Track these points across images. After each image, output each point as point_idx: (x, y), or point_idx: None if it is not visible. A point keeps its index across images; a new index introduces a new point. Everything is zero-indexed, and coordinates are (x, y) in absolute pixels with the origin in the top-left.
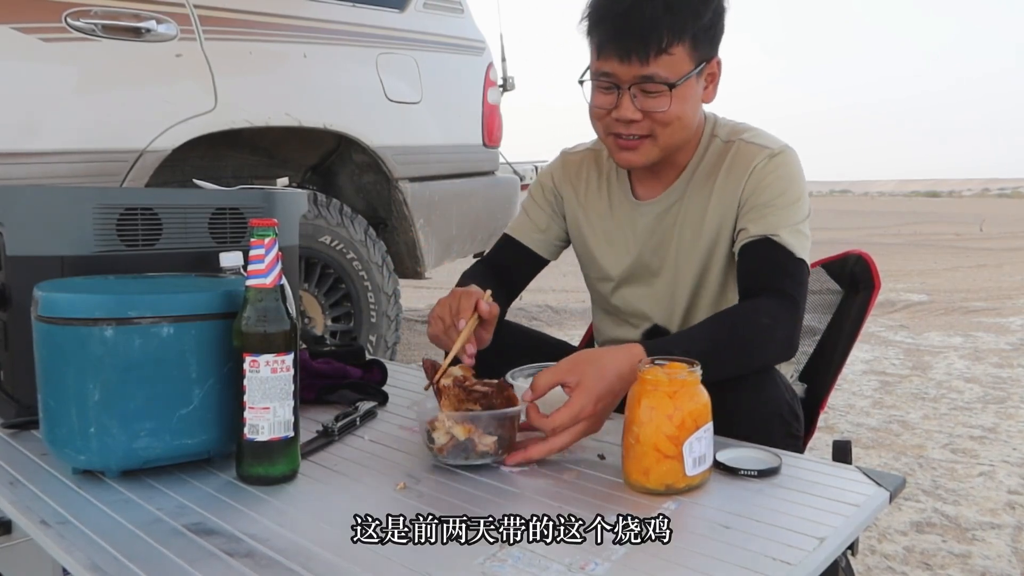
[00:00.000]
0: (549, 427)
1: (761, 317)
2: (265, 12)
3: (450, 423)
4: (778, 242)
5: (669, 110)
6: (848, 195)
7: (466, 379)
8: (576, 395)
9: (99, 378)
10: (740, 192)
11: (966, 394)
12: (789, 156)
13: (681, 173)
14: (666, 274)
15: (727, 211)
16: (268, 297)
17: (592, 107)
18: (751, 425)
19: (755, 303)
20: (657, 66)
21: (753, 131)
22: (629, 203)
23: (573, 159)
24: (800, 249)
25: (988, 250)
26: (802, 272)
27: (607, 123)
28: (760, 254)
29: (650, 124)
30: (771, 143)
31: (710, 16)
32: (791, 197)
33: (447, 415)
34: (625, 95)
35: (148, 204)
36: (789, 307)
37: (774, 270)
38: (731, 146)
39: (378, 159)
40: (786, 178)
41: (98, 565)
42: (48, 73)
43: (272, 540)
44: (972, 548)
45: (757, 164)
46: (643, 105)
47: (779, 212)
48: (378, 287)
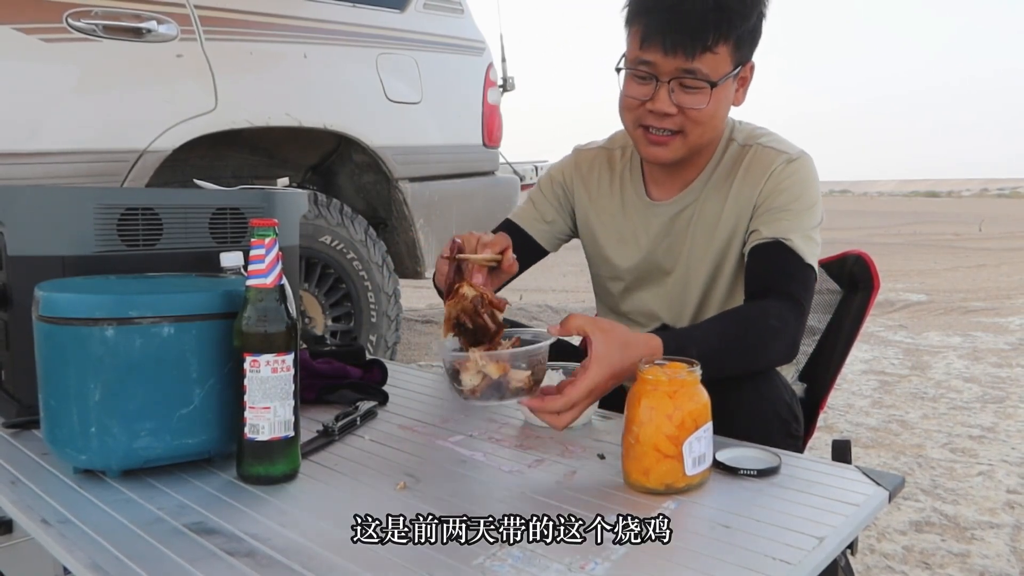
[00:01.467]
0: (565, 399)
1: (771, 319)
2: (265, 12)
3: (483, 362)
4: (789, 246)
5: (706, 108)
6: (848, 195)
7: (485, 298)
8: (594, 366)
9: (100, 378)
10: (756, 195)
11: (965, 394)
12: (806, 162)
13: (698, 175)
14: (677, 275)
15: (742, 214)
16: (268, 297)
17: (624, 96)
18: (750, 425)
19: (764, 305)
20: (701, 62)
21: (770, 135)
22: (643, 203)
23: (586, 156)
24: (810, 255)
25: (987, 250)
26: (810, 278)
27: (638, 114)
28: (771, 256)
29: (683, 120)
30: (789, 148)
31: (755, 20)
32: (806, 203)
33: (480, 354)
34: (663, 87)
35: (149, 204)
36: (796, 311)
37: (783, 273)
38: (748, 150)
39: (378, 159)
40: (802, 184)
41: (99, 564)
42: (49, 73)
43: (272, 540)
44: (971, 547)
45: (775, 168)
46: (679, 100)
47: (793, 217)
48: (378, 287)
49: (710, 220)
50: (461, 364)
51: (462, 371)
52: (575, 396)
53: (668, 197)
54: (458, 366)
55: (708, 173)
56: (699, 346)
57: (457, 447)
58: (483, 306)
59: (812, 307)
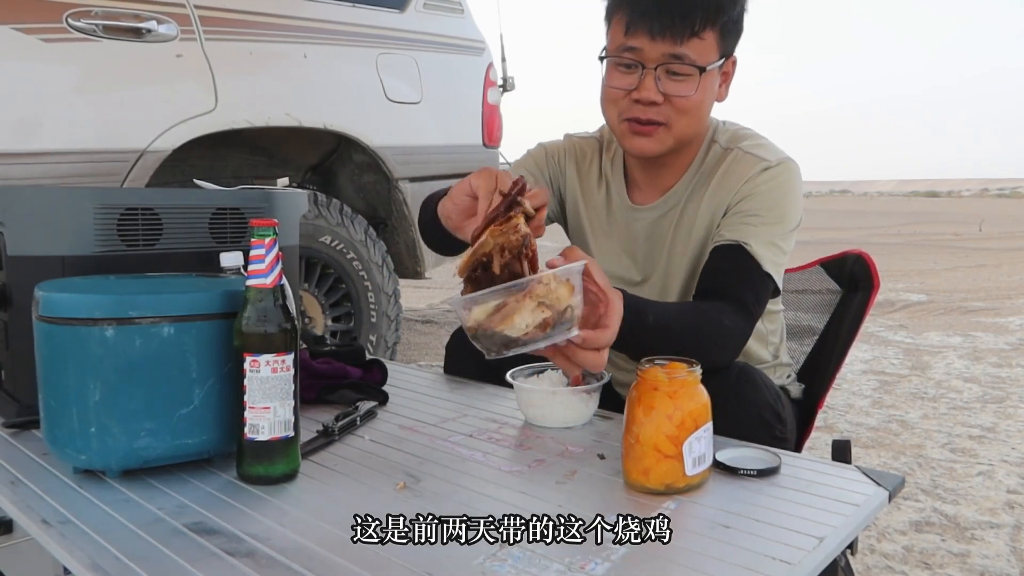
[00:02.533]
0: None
1: (725, 320)
2: (265, 12)
3: (555, 284)
4: (749, 251)
5: (693, 96)
6: (847, 195)
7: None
8: (612, 316)
9: (100, 378)
10: (729, 199)
11: (965, 394)
12: (785, 169)
13: (679, 180)
14: (655, 280)
15: (714, 218)
16: (268, 297)
17: (607, 88)
18: (732, 428)
19: (720, 306)
20: (688, 47)
21: (754, 139)
22: (625, 207)
23: (579, 144)
24: (769, 262)
25: (987, 250)
26: (765, 287)
27: (623, 106)
28: (729, 259)
29: (668, 110)
30: (769, 154)
31: (738, 10)
32: (778, 211)
33: (552, 275)
34: (649, 75)
35: (149, 204)
36: (747, 320)
37: (739, 279)
38: (729, 154)
39: (378, 159)
40: (777, 192)
41: (99, 564)
42: (49, 73)
43: (272, 540)
44: (971, 547)
45: (751, 175)
46: (666, 88)
47: (760, 223)
48: (378, 287)
49: (687, 226)
50: (518, 299)
51: (518, 309)
52: (616, 326)
53: (649, 202)
54: (520, 299)
55: (689, 177)
56: (659, 316)
57: (457, 447)
58: (528, 248)
59: (811, 307)
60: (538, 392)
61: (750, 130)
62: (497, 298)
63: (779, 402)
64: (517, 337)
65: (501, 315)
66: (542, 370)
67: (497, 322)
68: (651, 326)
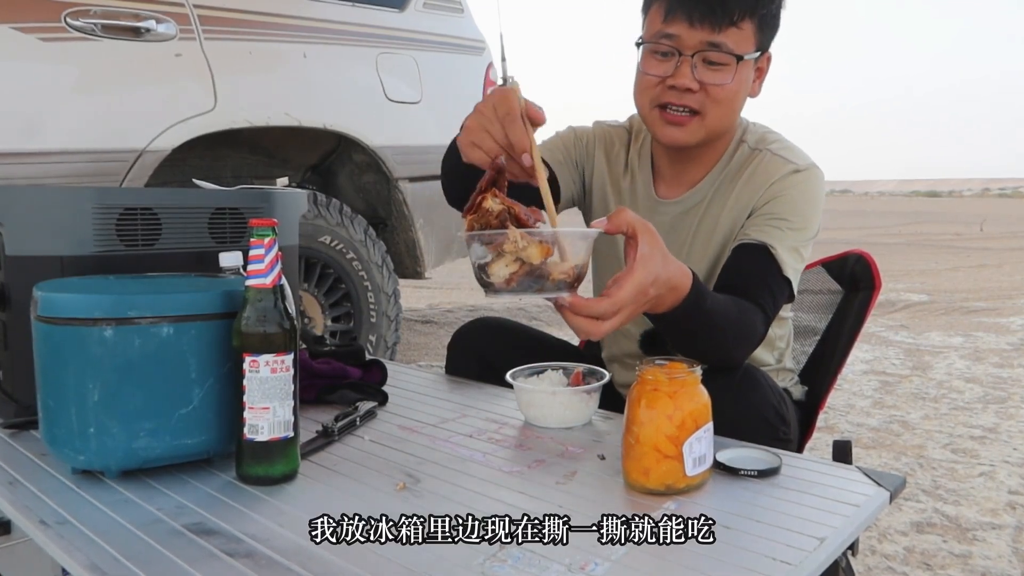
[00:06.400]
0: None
1: (755, 319)
2: (265, 12)
3: (524, 243)
4: (774, 255)
5: (729, 85)
6: (848, 195)
7: (513, 212)
8: (639, 267)
9: (99, 378)
10: (755, 201)
11: (966, 394)
12: (812, 175)
13: (706, 175)
14: None
15: (739, 219)
16: (268, 297)
17: (643, 75)
18: (735, 429)
19: (750, 305)
20: (726, 36)
21: (782, 142)
22: (650, 199)
23: (608, 131)
24: (790, 268)
25: (988, 250)
26: (783, 292)
27: (656, 93)
28: (753, 259)
29: (703, 99)
30: (798, 159)
31: (776, 5)
32: (803, 216)
33: (519, 233)
34: (685, 62)
35: (148, 204)
36: (764, 322)
37: (761, 282)
38: (757, 155)
39: (378, 159)
40: (803, 197)
41: (97, 565)
42: (47, 73)
43: (272, 540)
44: (972, 548)
45: (778, 178)
46: (702, 76)
47: (786, 227)
48: (378, 287)
49: (710, 223)
50: (497, 246)
51: (495, 256)
52: (622, 298)
53: (674, 196)
54: (494, 249)
55: (716, 174)
56: (712, 303)
57: (457, 447)
58: (513, 217)
59: (812, 307)
60: (538, 392)
61: (778, 133)
62: (481, 243)
63: (782, 403)
64: (495, 283)
65: (490, 260)
66: (542, 370)
67: (487, 265)
68: (706, 311)
